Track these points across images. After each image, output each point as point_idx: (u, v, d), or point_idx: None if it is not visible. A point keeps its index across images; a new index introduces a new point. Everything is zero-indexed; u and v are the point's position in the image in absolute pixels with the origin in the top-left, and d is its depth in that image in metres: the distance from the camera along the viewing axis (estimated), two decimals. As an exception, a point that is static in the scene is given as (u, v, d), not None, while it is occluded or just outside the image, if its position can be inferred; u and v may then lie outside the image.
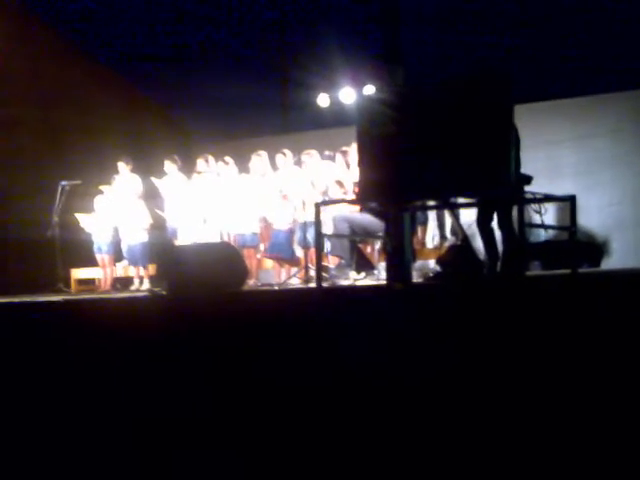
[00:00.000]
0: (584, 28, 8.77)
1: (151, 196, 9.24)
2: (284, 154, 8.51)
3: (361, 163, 4.68)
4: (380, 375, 3.75)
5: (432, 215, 8.72)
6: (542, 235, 8.50)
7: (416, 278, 5.98)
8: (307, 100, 10.52)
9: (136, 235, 9.16)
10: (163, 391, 4.21)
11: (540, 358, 3.48)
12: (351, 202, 6.97)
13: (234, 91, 10.18)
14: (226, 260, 5.88)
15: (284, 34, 10.51)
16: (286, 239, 8.41)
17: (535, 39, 9.07)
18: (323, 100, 10.67)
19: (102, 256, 9.35)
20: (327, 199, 7.53)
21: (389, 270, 5.07)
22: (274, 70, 10.59)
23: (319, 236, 4.80)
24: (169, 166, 9.10)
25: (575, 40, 8.89)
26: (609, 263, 8.82)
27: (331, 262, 7.37)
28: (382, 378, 3.74)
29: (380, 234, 6.65)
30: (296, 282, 7.67)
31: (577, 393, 3.36)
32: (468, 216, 7.15)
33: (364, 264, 7.05)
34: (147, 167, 9.52)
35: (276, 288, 6.84)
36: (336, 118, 10.12)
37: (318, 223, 4.76)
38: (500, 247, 5.87)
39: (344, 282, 6.69)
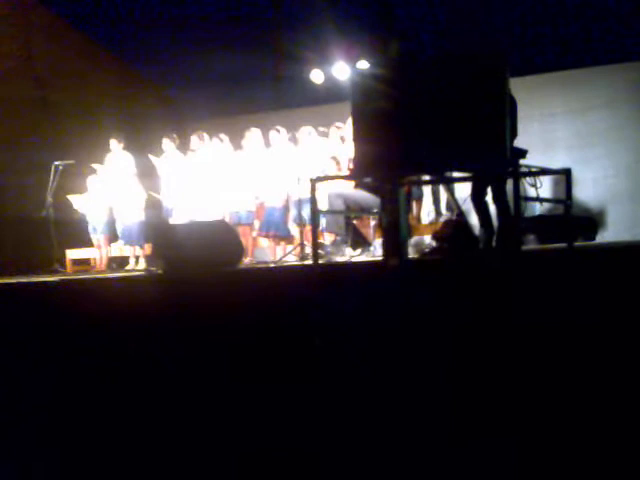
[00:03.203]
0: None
1: (145, 175, 9.20)
2: (278, 131, 8.47)
3: (356, 139, 4.65)
4: (378, 350, 3.76)
5: (427, 190, 8.71)
6: (537, 209, 8.50)
7: (412, 254, 5.98)
8: (300, 76, 10.44)
9: (131, 214, 9.13)
10: (160, 369, 4.22)
11: (536, 331, 3.49)
12: (346, 178, 6.95)
13: (227, 68, 10.11)
14: (222, 238, 5.87)
15: (276, 9, 10.42)
16: (281, 217, 8.40)
17: (528, 11, 9.01)
18: (316, 76, 10.59)
19: (97, 237, 9.33)
20: (322, 175, 7.51)
21: (385, 246, 5.06)
22: (267, 46, 10.49)
23: (315, 213, 4.77)
24: (167, 144, 9.05)
25: (569, 12, 8.83)
26: (605, 236, 8.83)
27: (327, 239, 7.36)
28: (380, 353, 3.75)
29: (375, 210, 6.64)
30: (292, 259, 7.67)
31: (573, 366, 3.37)
32: (463, 191, 7.15)
33: (360, 240, 7.05)
34: (141, 145, 9.47)
35: (272, 266, 6.84)
36: (330, 94, 10.06)
37: (314, 199, 4.73)
38: (495, 221, 5.88)
39: (340, 259, 6.69)
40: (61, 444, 4.21)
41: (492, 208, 5.88)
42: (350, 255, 6.79)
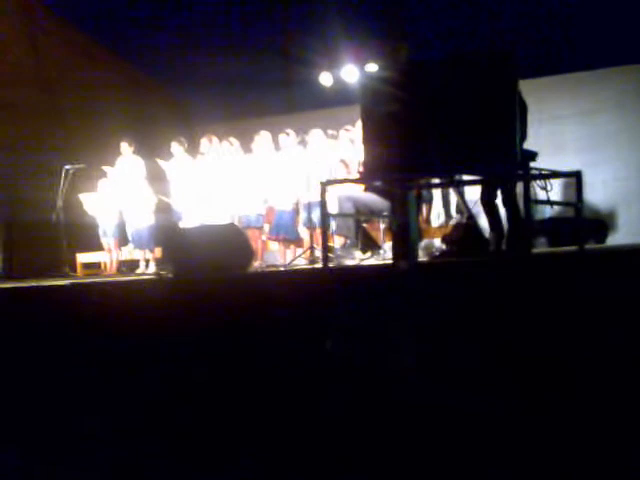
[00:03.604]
0: (587, 2, 8.69)
1: (156, 178, 9.21)
2: (287, 134, 8.46)
3: (365, 142, 4.65)
4: (387, 353, 3.76)
5: (437, 193, 8.70)
6: (547, 211, 8.48)
7: (422, 257, 5.97)
8: (309, 79, 10.44)
9: (142, 218, 9.15)
10: (171, 373, 4.23)
11: (547, 335, 3.48)
12: (356, 181, 6.96)
13: (236, 71, 10.13)
14: (232, 242, 5.86)
15: (286, 12, 10.43)
16: (290, 220, 8.39)
17: (537, 13, 9.00)
18: (325, 79, 10.59)
19: (107, 240, 9.34)
20: (332, 178, 7.50)
21: (394, 249, 5.06)
22: (276, 49, 10.51)
23: (325, 216, 4.78)
24: (176, 148, 9.06)
25: (577, 14, 8.81)
26: (616, 239, 8.79)
27: (336, 242, 7.36)
28: (389, 356, 3.75)
29: (385, 213, 6.63)
30: (302, 263, 7.66)
31: (583, 370, 3.36)
32: (473, 194, 7.14)
33: (369, 244, 7.05)
34: (150, 148, 9.48)
35: (282, 269, 6.84)
36: (339, 97, 10.05)
37: (324, 203, 4.74)
38: (505, 224, 5.86)
39: (350, 262, 6.68)
40: (65, 446, 4.23)
41: (502, 211, 5.87)
42: (360, 258, 6.79)
